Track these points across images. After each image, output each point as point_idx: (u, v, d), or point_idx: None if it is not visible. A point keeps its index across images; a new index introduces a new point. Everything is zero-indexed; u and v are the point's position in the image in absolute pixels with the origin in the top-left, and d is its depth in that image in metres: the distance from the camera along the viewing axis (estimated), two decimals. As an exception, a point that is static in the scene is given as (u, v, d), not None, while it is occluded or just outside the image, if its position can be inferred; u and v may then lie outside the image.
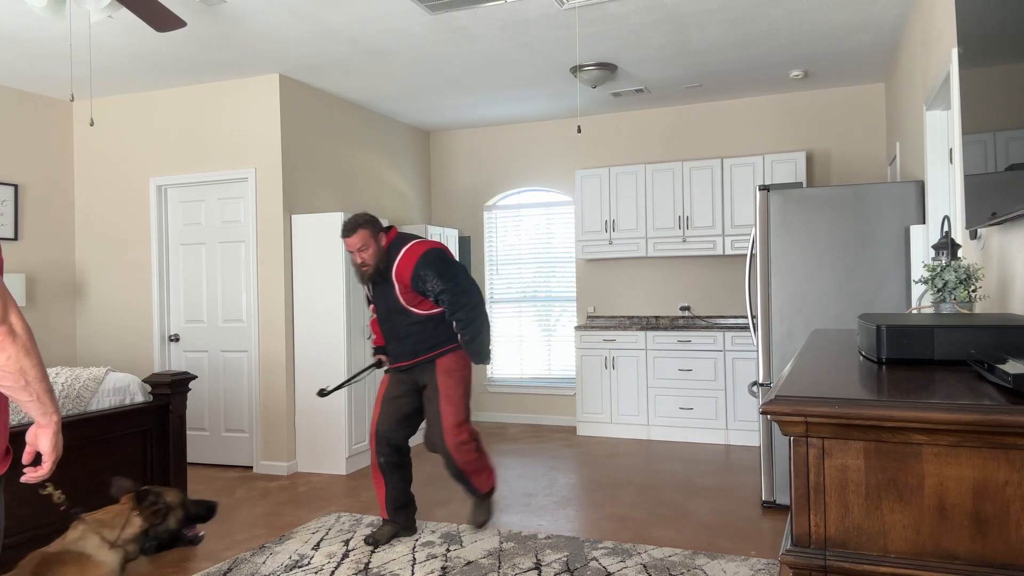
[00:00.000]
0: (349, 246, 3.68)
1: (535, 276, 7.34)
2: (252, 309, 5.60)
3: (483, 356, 3.79)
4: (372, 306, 3.97)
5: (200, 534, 2.41)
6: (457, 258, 7.18)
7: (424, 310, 3.81)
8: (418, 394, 3.93)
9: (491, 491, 4.05)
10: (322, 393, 3.86)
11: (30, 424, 3.21)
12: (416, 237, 3.82)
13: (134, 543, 2.21)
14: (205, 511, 2.42)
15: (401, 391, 3.91)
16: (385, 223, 5.80)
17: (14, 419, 3.19)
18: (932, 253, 3.10)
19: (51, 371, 3.58)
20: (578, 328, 6.57)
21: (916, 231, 3.90)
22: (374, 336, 4.05)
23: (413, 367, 3.88)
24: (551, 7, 4.30)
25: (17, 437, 3.08)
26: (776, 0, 4.29)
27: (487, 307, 4.04)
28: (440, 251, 3.76)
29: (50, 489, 2.01)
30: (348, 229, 3.65)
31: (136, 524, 2.22)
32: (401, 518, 3.92)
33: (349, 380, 4.09)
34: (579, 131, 4.32)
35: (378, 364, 4.04)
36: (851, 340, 1.90)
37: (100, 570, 2.12)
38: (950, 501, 1.01)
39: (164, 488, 2.39)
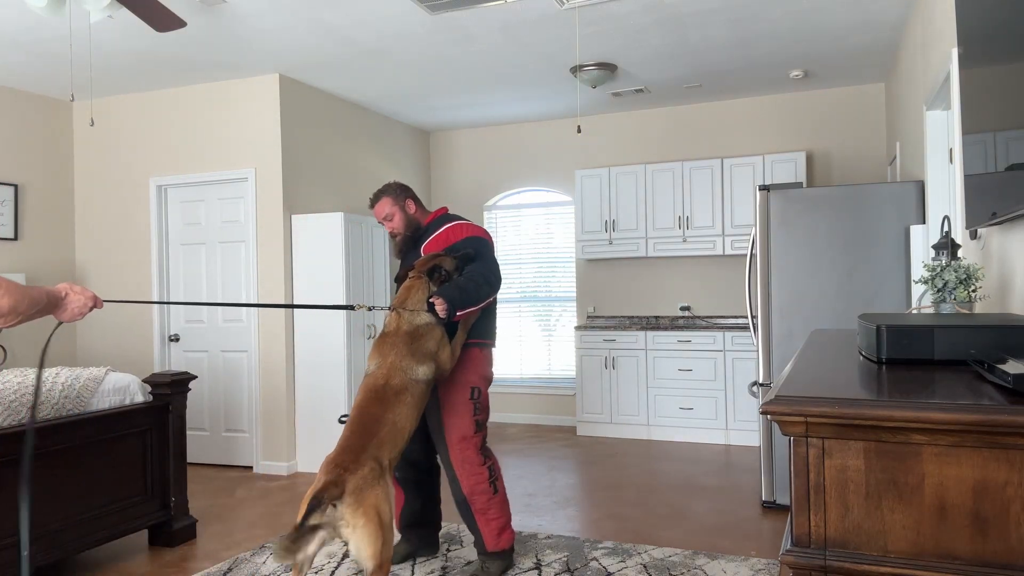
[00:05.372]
0: (377, 216, 3.60)
1: (535, 276, 7.34)
2: (252, 309, 5.60)
3: (454, 300, 3.08)
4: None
5: None
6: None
7: None
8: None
9: (502, 553, 3.37)
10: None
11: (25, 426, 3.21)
12: (467, 220, 3.60)
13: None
14: (464, 260, 3.26)
15: None
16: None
17: (12, 420, 3.19)
18: (932, 253, 3.10)
19: (51, 371, 3.58)
20: (578, 328, 6.57)
21: (916, 231, 3.90)
22: None
23: None
24: (551, 7, 4.30)
25: (13, 438, 3.08)
26: (776, 0, 4.29)
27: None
28: (489, 242, 3.48)
29: None
30: (372, 200, 3.58)
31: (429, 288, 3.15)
32: (415, 537, 3.63)
33: None
34: (579, 131, 4.32)
35: None
36: (851, 340, 1.90)
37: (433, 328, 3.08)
38: (950, 501, 1.01)
39: (440, 259, 3.22)
